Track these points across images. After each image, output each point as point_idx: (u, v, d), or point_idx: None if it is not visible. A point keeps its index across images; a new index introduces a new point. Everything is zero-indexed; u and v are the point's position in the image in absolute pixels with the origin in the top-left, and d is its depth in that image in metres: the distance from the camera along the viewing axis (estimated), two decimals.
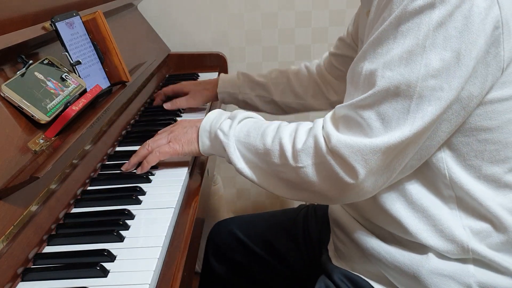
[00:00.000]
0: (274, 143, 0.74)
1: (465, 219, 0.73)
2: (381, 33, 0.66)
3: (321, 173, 0.70)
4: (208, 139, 0.84)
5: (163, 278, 0.63)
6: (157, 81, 1.48)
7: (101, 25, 0.97)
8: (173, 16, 1.74)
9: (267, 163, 0.76)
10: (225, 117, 0.84)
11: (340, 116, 0.70)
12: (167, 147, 0.86)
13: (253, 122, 0.81)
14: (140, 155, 0.88)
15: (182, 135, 0.87)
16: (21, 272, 0.62)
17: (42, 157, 0.71)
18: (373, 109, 0.66)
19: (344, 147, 0.66)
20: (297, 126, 0.75)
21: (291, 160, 0.72)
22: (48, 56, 0.86)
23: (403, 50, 0.64)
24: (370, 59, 0.67)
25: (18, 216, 0.64)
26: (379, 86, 0.65)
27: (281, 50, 1.79)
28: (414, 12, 0.63)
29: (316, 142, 0.70)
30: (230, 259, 1.06)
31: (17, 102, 0.72)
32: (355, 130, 0.67)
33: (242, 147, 0.79)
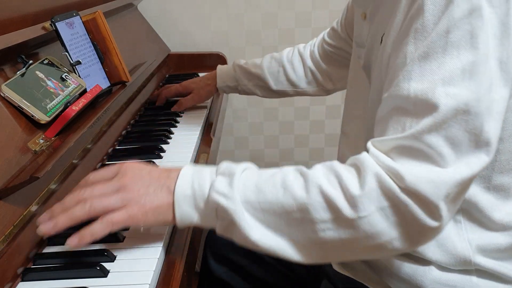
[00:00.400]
0: (311, 195, 0.58)
1: (471, 232, 0.69)
2: (426, 47, 0.57)
3: (390, 218, 0.57)
4: (193, 207, 0.62)
5: (163, 278, 0.63)
6: (157, 81, 1.48)
7: (101, 25, 0.97)
8: (173, 16, 1.74)
9: (302, 222, 0.59)
10: (210, 174, 0.64)
11: (393, 148, 0.59)
12: (122, 214, 0.61)
13: (257, 174, 0.64)
14: (75, 217, 0.61)
15: (146, 198, 0.62)
16: (21, 272, 0.62)
17: (42, 157, 0.71)
18: (440, 134, 0.56)
19: (425, 182, 0.55)
20: (330, 167, 0.61)
21: (347, 211, 0.57)
22: (48, 56, 0.86)
23: (463, 62, 0.56)
24: (417, 78, 0.58)
25: (18, 216, 0.64)
26: (445, 105, 0.56)
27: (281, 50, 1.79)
28: (463, 17, 0.56)
29: (380, 182, 0.57)
30: (229, 260, 1.05)
31: (17, 102, 0.72)
32: (423, 161, 0.57)
33: (254, 209, 0.60)
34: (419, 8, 0.58)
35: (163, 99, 1.29)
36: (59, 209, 0.62)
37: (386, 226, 0.57)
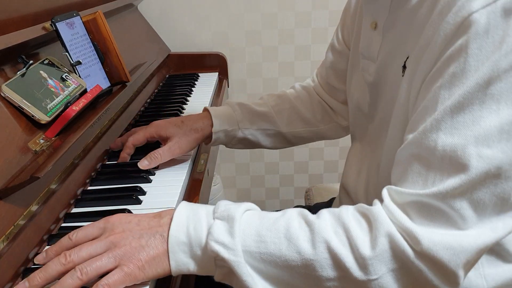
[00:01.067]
0: (318, 251, 0.54)
1: (487, 267, 0.65)
2: (462, 97, 0.51)
3: (401, 280, 0.54)
4: (189, 255, 0.57)
5: (163, 278, 0.63)
6: (157, 81, 1.48)
7: (102, 25, 0.97)
8: (173, 16, 1.74)
9: (307, 278, 0.55)
10: (207, 216, 0.58)
11: (412, 203, 0.54)
12: (119, 274, 0.55)
13: (258, 218, 0.58)
14: (67, 285, 0.54)
15: (141, 250, 0.56)
16: (22, 272, 0.62)
17: (42, 157, 0.71)
18: (465, 197, 0.52)
19: (442, 249, 0.51)
20: (338, 218, 0.56)
21: (356, 272, 0.53)
22: (48, 56, 0.86)
23: (502, 120, 0.50)
24: (447, 130, 0.52)
25: (18, 216, 0.64)
26: (476, 168, 0.51)
27: (281, 50, 1.79)
28: (510, 69, 0.50)
29: (393, 243, 0.53)
30: None
31: (18, 102, 0.72)
32: (443, 223, 0.53)
33: (256, 260, 0.56)
34: (461, 49, 0.52)
35: (131, 149, 0.93)
36: (41, 277, 0.55)
37: (397, 287, 0.54)
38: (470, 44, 0.51)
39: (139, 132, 0.93)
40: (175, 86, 1.48)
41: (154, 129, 0.93)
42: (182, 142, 0.91)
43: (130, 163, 0.93)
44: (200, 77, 1.61)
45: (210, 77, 1.61)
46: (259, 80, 1.83)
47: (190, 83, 1.50)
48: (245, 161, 1.93)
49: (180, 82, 1.52)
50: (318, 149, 1.93)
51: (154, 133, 0.93)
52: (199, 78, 1.59)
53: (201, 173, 0.93)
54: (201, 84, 1.54)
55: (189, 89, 1.45)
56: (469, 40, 0.51)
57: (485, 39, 0.51)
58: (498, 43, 0.51)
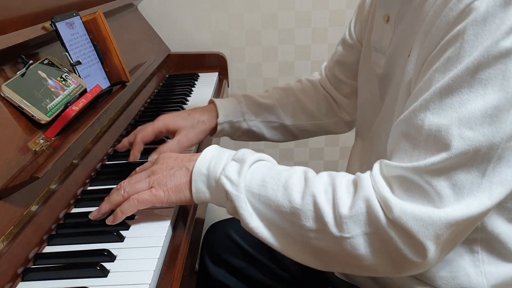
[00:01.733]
0: (305, 202, 0.60)
1: (488, 265, 0.67)
2: (452, 79, 0.54)
3: (373, 245, 0.57)
4: (206, 185, 0.67)
5: (163, 278, 0.63)
6: (157, 81, 1.48)
7: (101, 25, 0.97)
8: (173, 16, 1.74)
9: (293, 225, 0.61)
10: (227, 157, 0.67)
11: (396, 177, 0.57)
12: (147, 194, 0.68)
13: (268, 168, 0.65)
14: (114, 202, 0.69)
15: (168, 178, 0.68)
16: (21, 272, 0.62)
17: (42, 157, 0.71)
18: (444, 175, 0.54)
19: (412, 220, 0.54)
20: (332, 179, 0.61)
21: (332, 227, 0.58)
22: (48, 56, 0.86)
23: (486, 105, 0.52)
24: (435, 110, 0.55)
25: (18, 216, 0.64)
26: (456, 149, 0.53)
27: (281, 50, 1.79)
28: (499, 56, 0.52)
29: (369, 208, 0.56)
30: (227, 262, 1.03)
31: (17, 102, 0.72)
32: (419, 197, 0.55)
33: (256, 200, 0.63)
34: (458, 35, 0.54)
35: (140, 146, 0.92)
36: (106, 207, 0.71)
37: (369, 252, 0.57)
38: (467, 30, 0.53)
39: (147, 128, 0.94)
40: (175, 86, 1.48)
41: (162, 123, 0.94)
42: (190, 134, 0.94)
43: (130, 163, 0.93)
44: (200, 77, 1.61)
45: (210, 77, 1.61)
46: (259, 80, 1.83)
47: (190, 83, 1.50)
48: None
49: (180, 82, 1.52)
50: (318, 149, 1.93)
51: (162, 127, 0.94)
52: (199, 78, 1.59)
53: None
54: (201, 84, 1.53)
55: (189, 89, 1.45)
56: (467, 26, 0.53)
57: (482, 27, 0.52)
58: (493, 31, 0.52)
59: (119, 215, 0.69)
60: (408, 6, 0.69)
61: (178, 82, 1.52)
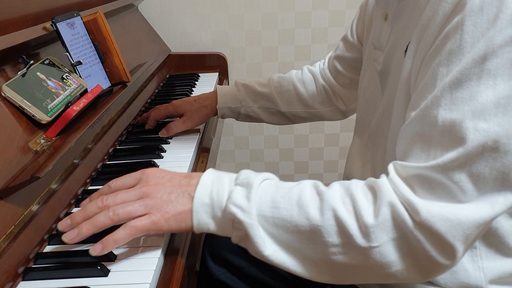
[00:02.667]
0: (325, 217, 0.57)
1: (486, 259, 0.66)
2: (460, 73, 0.53)
3: (401, 250, 0.56)
4: (210, 216, 0.62)
5: (163, 277, 0.63)
6: (157, 81, 1.48)
7: (102, 25, 0.98)
8: (174, 17, 1.74)
9: (314, 243, 0.58)
10: (229, 182, 0.63)
11: (415, 177, 0.56)
12: (147, 221, 0.61)
13: (275, 187, 0.62)
14: (99, 225, 0.61)
15: (169, 205, 0.62)
16: (22, 272, 0.62)
17: (43, 157, 0.71)
18: (464, 170, 0.53)
19: (440, 220, 0.53)
20: (347, 189, 0.59)
21: (359, 239, 0.56)
22: (49, 56, 0.86)
23: (498, 95, 0.52)
24: (446, 106, 0.54)
25: (19, 216, 0.64)
26: (472, 141, 0.52)
27: (281, 51, 1.79)
28: (504, 45, 0.51)
29: (395, 213, 0.55)
30: (228, 262, 1.03)
31: (18, 102, 0.72)
32: (443, 196, 0.54)
33: (269, 224, 0.59)
34: (457, 27, 0.54)
35: (153, 122, 1.12)
36: (80, 216, 0.63)
37: (397, 257, 0.56)
38: (465, 21, 0.53)
39: (161, 109, 1.11)
40: (175, 86, 1.48)
41: (172, 107, 1.10)
42: (194, 116, 1.08)
43: (130, 163, 0.93)
44: (200, 77, 1.61)
45: (210, 77, 1.61)
46: None
47: (190, 83, 1.50)
48: (245, 161, 1.93)
49: (180, 82, 1.52)
50: (318, 149, 1.93)
51: (172, 111, 1.10)
52: (199, 78, 1.59)
53: None
54: (201, 84, 1.54)
55: (189, 89, 1.45)
56: (464, 18, 0.53)
57: (480, 16, 0.52)
58: (492, 20, 0.52)
59: (110, 244, 0.61)
60: (405, 3, 0.69)
61: (178, 82, 1.53)
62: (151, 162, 0.92)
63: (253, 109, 1.09)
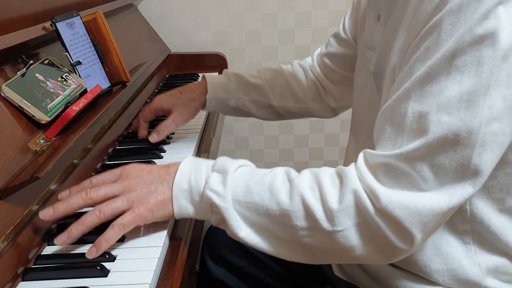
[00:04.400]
0: (293, 202, 0.60)
1: (480, 255, 0.67)
2: (430, 68, 0.55)
3: (363, 235, 0.59)
4: (189, 201, 0.65)
5: (163, 278, 0.63)
6: (157, 81, 1.48)
7: (102, 25, 0.98)
8: (174, 17, 1.74)
9: (284, 226, 0.61)
10: (207, 169, 0.66)
11: (380, 164, 0.59)
12: (131, 216, 0.64)
13: (249, 173, 0.66)
14: (88, 224, 0.64)
15: (150, 195, 0.65)
16: (22, 272, 0.62)
17: (42, 157, 0.71)
18: (426, 160, 0.56)
19: (399, 207, 0.56)
20: (316, 175, 0.63)
21: (324, 223, 0.59)
22: (48, 56, 0.86)
23: (462, 90, 0.54)
24: (416, 98, 0.56)
25: (18, 216, 0.64)
26: (434, 133, 0.55)
27: (281, 51, 1.79)
28: (473, 43, 0.53)
29: (357, 199, 0.58)
30: (227, 261, 1.03)
31: (18, 102, 0.72)
32: (405, 184, 0.57)
33: (243, 208, 0.63)
34: (436, 25, 0.55)
35: (145, 125, 1.04)
36: (64, 207, 0.65)
37: (360, 241, 0.59)
38: (444, 20, 0.55)
39: (145, 109, 1.05)
40: (175, 86, 1.46)
41: (157, 104, 1.03)
42: (183, 112, 1.01)
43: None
44: (200, 77, 1.61)
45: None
46: None
47: (190, 83, 1.50)
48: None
49: (180, 82, 1.52)
50: (318, 149, 1.93)
51: (157, 107, 1.02)
52: (199, 78, 1.59)
53: None
54: None
55: None
56: (443, 17, 0.55)
57: (457, 16, 0.54)
58: (468, 19, 0.54)
59: (103, 245, 0.63)
60: (396, 4, 0.70)
61: (178, 82, 1.52)
62: (150, 163, 0.92)
63: (244, 102, 1.04)
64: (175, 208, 0.66)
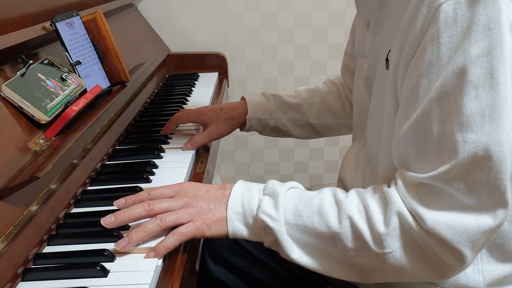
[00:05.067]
0: (343, 225, 0.62)
1: (487, 263, 0.68)
2: (443, 86, 0.55)
3: (414, 254, 0.60)
4: (243, 223, 0.68)
5: (163, 278, 0.63)
6: (157, 81, 1.48)
7: (101, 25, 0.97)
8: (173, 16, 1.74)
9: (335, 247, 0.63)
10: (258, 192, 0.69)
11: (420, 185, 0.59)
12: (192, 226, 0.67)
13: (298, 196, 0.68)
14: (148, 232, 0.67)
15: (208, 212, 0.69)
16: (21, 272, 0.62)
17: (42, 157, 0.71)
18: (462, 179, 0.55)
19: (445, 228, 0.56)
20: (363, 197, 0.64)
21: (373, 246, 0.60)
22: (48, 56, 0.86)
23: (482, 105, 0.53)
24: (437, 118, 0.56)
25: (18, 216, 0.64)
26: (463, 153, 0.54)
27: (281, 50, 1.79)
28: (482, 55, 0.53)
29: (403, 221, 0.59)
30: (227, 262, 1.04)
31: (17, 102, 0.72)
32: (447, 202, 0.57)
33: (294, 230, 0.65)
34: (434, 38, 0.55)
35: (174, 126, 1.07)
36: (125, 216, 0.68)
37: (411, 261, 0.60)
38: (441, 33, 0.54)
39: (184, 113, 1.06)
40: (175, 86, 1.48)
41: (197, 114, 1.04)
42: (220, 128, 1.03)
43: (130, 163, 0.93)
44: (200, 77, 1.61)
45: (210, 77, 1.61)
46: (259, 80, 1.83)
47: (190, 83, 1.50)
48: (245, 161, 1.93)
49: (180, 82, 1.52)
50: (318, 149, 1.93)
51: (196, 118, 1.05)
52: (199, 78, 1.59)
53: (201, 173, 0.93)
54: (201, 84, 1.53)
55: (189, 89, 1.45)
56: (439, 30, 0.54)
57: (454, 28, 0.54)
58: (466, 31, 0.53)
59: (162, 251, 0.65)
60: (385, 10, 0.71)
61: (178, 82, 1.52)
62: (150, 163, 0.92)
63: (282, 121, 1.05)
64: (229, 229, 0.68)
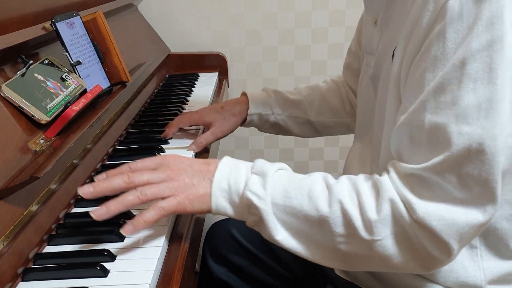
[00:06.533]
0: (333, 210, 0.61)
1: (487, 260, 0.68)
2: (442, 77, 0.55)
3: (401, 244, 0.60)
4: (227, 200, 0.66)
5: (163, 278, 0.63)
6: (157, 81, 1.48)
7: (101, 25, 0.97)
8: (173, 16, 1.74)
9: (322, 232, 0.62)
10: (246, 171, 0.67)
11: (412, 175, 0.59)
12: (173, 201, 0.65)
13: (287, 177, 0.66)
14: (127, 204, 0.64)
15: (190, 187, 0.66)
16: (21, 272, 0.62)
17: (42, 157, 0.71)
18: (454, 171, 0.56)
19: (435, 219, 0.56)
20: (355, 184, 0.63)
21: (362, 232, 0.60)
22: (48, 56, 0.86)
23: (479, 98, 0.54)
24: (432, 110, 0.56)
25: (18, 216, 0.64)
26: (457, 145, 0.55)
27: (281, 50, 1.79)
28: (482, 49, 0.53)
29: (394, 209, 0.59)
30: (228, 261, 1.04)
31: (18, 102, 0.72)
32: (439, 194, 0.57)
33: (281, 212, 0.64)
34: (440, 34, 0.56)
35: (175, 129, 1.04)
36: (104, 187, 0.65)
37: (398, 250, 0.60)
38: (447, 28, 0.55)
39: (186, 116, 1.05)
40: (175, 86, 1.48)
41: (198, 116, 1.04)
42: (223, 126, 1.02)
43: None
44: (200, 77, 1.61)
45: (210, 77, 1.61)
46: (259, 80, 1.83)
47: (190, 83, 1.50)
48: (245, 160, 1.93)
49: (180, 82, 1.52)
50: (318, 149, 1.93)
51: (198, 119, 1.04)
52: (199, 78, 1.59)
53: None
54: (201, 84, 1.54)
55: (189, 89, 1.45)
56: (446, 25, 0.55)
57: (460, 23, 0.55)
58: (471, 26, 0.54)
59: (141, 224, 0.64)
60: (392, 8, 0.71)
61: (178, 82, 1.52)
62: None
63: (283, 117, 1.06)
64: (213, 205, 0.66)
